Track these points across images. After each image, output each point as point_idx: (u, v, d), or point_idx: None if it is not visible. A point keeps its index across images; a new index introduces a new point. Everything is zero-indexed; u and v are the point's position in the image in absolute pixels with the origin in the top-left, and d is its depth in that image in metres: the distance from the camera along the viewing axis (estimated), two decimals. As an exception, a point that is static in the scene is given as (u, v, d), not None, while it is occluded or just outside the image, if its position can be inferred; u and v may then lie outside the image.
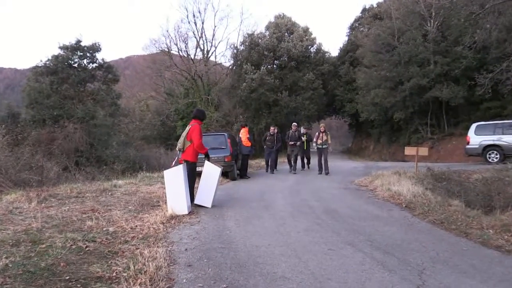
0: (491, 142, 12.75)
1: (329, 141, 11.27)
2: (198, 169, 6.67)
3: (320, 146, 11.24)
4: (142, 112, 33.34)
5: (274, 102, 26.99)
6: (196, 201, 6.34)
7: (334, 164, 15.09)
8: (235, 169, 11.00)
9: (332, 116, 37.84)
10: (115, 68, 23.01)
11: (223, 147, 10.56)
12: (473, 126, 13.58)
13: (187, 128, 6.27)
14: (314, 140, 11.38)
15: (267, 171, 12.63)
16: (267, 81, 25.66)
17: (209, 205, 6.31)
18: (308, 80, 27.01)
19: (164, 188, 6.28)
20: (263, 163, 14.88)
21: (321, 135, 11.26)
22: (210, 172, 6.39)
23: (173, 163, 6.48)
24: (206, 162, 6.46)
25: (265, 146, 12.33)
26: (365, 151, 30.81)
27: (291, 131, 12.10)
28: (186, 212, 5.68)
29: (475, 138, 13.14)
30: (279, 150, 12.69)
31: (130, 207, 6.07)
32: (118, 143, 19.21)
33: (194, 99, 30.28)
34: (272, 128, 12.33)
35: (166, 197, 5.83)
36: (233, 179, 10.77)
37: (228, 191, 8.56)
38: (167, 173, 5.78)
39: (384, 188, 7.91)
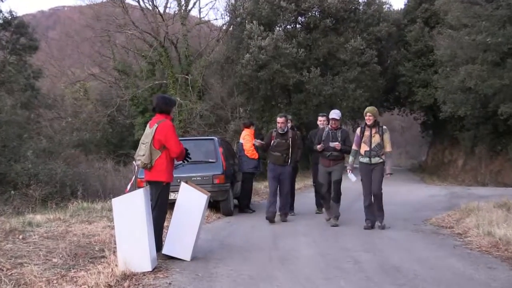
0: None
1: (388, 148, 8.92)
2: (170, 196, 6.82)
3: (367, 160, 8.95)
4: (78, 101, 33.65)
5: (296, 86, 27.13)
6: (165, 250, 6.45)
7: (396, 190, 15.19)
8: (231, 197, 11.04)
9: (394, 110, 37.80)
10: (32, 28, 23.27)
11: (211, 160, 10.68)
12: None
13: (152, 129, 6.42)
14: (354, 146, 9.12)
15: (268, 214, 9.93)
16: (286, 52, 25.76)
17: (187, 256, 6.42)
18: (354, 49, 27.09)
19: (113, 229, 6.36)
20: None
21: (367, 133, 8.97)
22: (190, 201, 6.49)
23: (128, 186, 6.60)
24: (183, 185, 6.58)
25: (269, 161, 10.14)
26: (450, 169, 30.65)
27: (327, 128, 9.75)
28: (150, 269, 5.77)
29: None
30: (296, 169, 10.96)
31: (55, 260, 6.12)
32: (36, 152, 19.17)
33: (164, 80, 30.60)
34: (280, 120, 9.95)
35: (115, 243, 5.92)
36: (228, 213, 10.87)
37: (220, 233, 8.59)
38: (118, 202, 5.91)
39: (482, 231, 7.92)
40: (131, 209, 5.78)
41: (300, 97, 27.37)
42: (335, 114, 9.61)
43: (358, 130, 9.12)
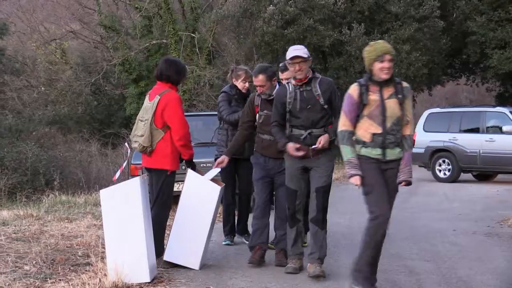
0: (441, 145, 16.09)
1: (408, 130, 5.20)
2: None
3: (380, 152, 5.08)
4: (53, 66, 32.81)
5: (334, 48, 26.36)
6: (168, 256, 6.41)
7: (461, 182, 15.88)
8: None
9: (460, 79, 37.17)
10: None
11: (224, 142, 10.46)
12: (424, 114, 16.92)
13: (154, 102, 6.28)
14: (343, 124, 5.24)
15: (254, 256, 6.55)
16: (320, 2, 25.03)
17: (195, 264, 6.38)
18: (408, 0, 26.10)
19: (100, 228, 6.50)
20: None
21: (374, 97, 5.05)
22: (199, 195, 6.46)
23: (118, 173, 6.64)
24: (190, 173, 6.51)
25: (254, 150, 6.94)
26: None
27: (290, 87, 5.88)
28: (148, 280, 5.69)
29: (423, 136, 16.07)
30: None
31: (27, 267, 6.07)
32: (0, 130, 19.34)
33: (164, 39, 29.78)
34: (259, 79, 6.40)
35: (104, 246, 5.90)
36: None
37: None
38: (107, 195, 5.82)
39: None
40: (124, 203, 5.71)
41: (338, 62, 26.65)
42: (296, 50, 5.78)
43: (354, 90, 5.08)
